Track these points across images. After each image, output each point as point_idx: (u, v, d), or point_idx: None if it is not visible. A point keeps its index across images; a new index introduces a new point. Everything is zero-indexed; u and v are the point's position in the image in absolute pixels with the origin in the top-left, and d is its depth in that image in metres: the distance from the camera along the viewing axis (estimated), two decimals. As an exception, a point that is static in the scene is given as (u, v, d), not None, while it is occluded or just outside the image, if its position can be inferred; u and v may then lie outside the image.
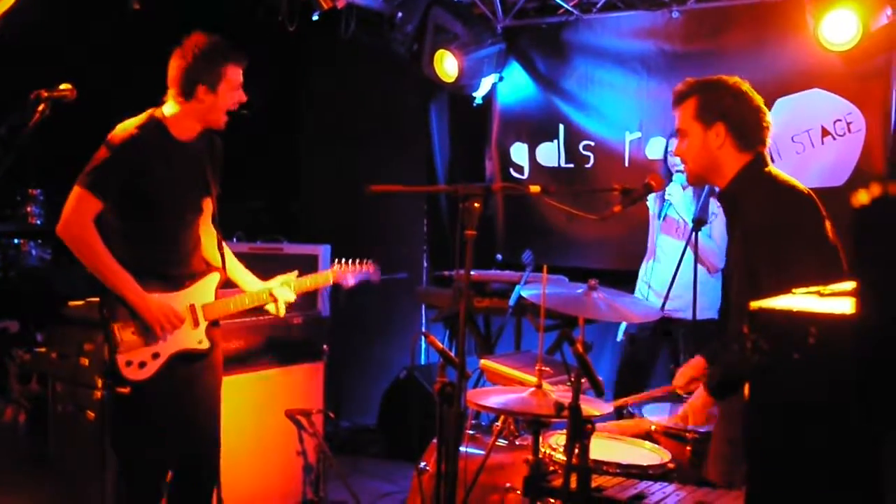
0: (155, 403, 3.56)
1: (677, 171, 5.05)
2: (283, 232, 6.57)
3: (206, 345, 3.67)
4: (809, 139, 5.53)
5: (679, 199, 5.08)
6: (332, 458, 4.47)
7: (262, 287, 3.89)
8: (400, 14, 6.33)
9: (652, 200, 5.22)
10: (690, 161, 3.24)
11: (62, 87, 3.31)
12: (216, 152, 3.77)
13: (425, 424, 4.64)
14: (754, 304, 1.66)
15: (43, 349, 4.88)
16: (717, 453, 3.40)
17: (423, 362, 6.86)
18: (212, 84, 3.53)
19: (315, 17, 5.90)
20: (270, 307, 3.89)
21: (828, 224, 3.08)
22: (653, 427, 3.78)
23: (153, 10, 5.41)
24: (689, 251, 4.71)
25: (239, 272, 3.93)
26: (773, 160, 5.58)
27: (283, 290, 3.88)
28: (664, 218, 5.22)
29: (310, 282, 3.99)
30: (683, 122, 3.20)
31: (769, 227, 3.02)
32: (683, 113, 3.20)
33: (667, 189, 4.99)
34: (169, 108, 3.61)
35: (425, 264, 7.21)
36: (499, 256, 6.77)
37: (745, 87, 3.19)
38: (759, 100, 3.19)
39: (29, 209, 6.58)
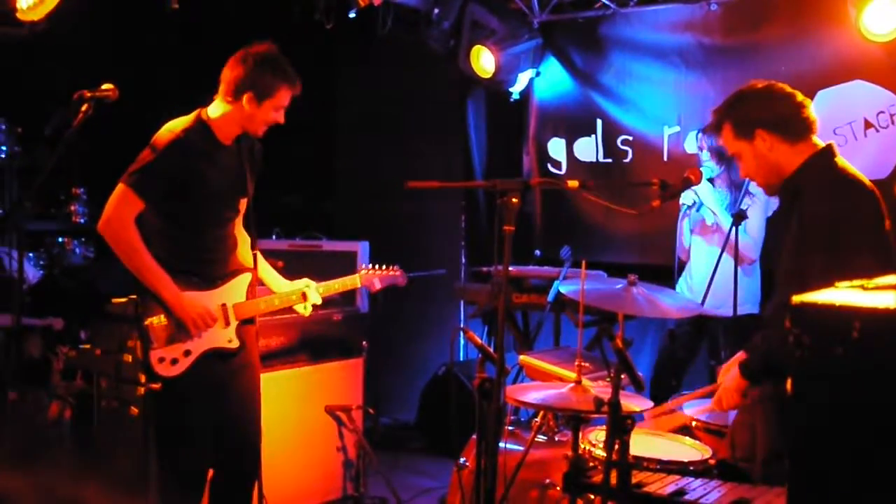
0: (187, 399, 3.60)
1: (705, 166, 5.01)
2: (320, 229, 6.61)
3: (235, 344, 3.70)
4: (852, 131, 5.46)
5: (709, 195, 5.04)
6: (371, 453, 4.48)
7: (291, 287, 3.92)
8: (437, 10, 6.33)
9: (687, 197, 5.15)
10: (756, 176, 3.28)
11: (105, 87, 3.36)
12: (255, 155, 3.81)
13: (464, 420, 4.64)
14: (797, 298, 1.64)
15: (87, 346, 4.96)
16: (738, 440, 3.43)
17: (461, 358, 6.86)
18: (260, 96, 3.55)
19: (352, 15, 5.93)
20: (299, 307, 3.93)
21: (888, 222, 3.08)
22: (693, 423, 3.75)
23: (193, 9, 5.45)
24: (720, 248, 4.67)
25: (267, 273, 3.98)
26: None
27: (312, 291, 3.93)
28: (696, 216, 5.18)
29: (338, 285, 4.03)
30: (730, 146, 3.28)
31: (829, 219, 3.01)
32: (726, 139, 3.28)
33: (695, 188, 4.93)
34: (215, 108, 3.63)
35: (463, 260, 7.21)
36: (537, 252, 6.75)
37: (772, 84, 3.23)
38: (787, 89, 3.22)
39: (73, 208, 6.67)
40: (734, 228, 4.52)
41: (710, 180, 5.06)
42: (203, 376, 3.61)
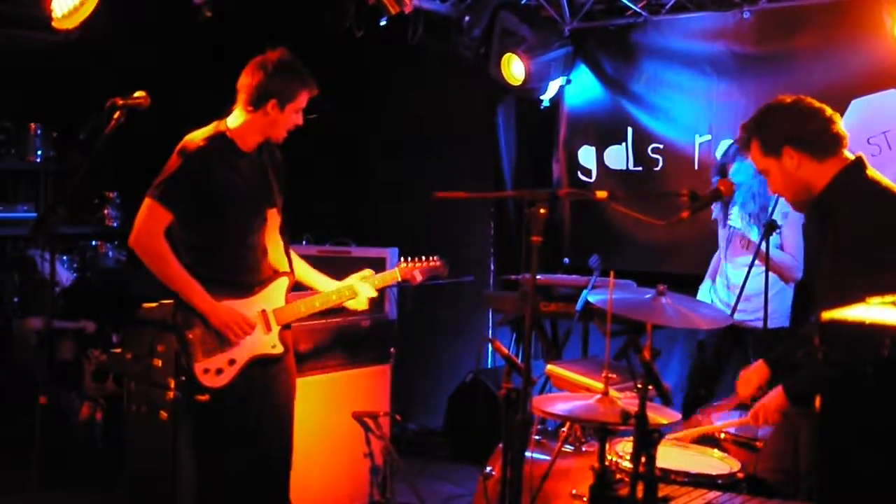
0: (234, 408, 3.63)
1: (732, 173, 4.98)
2: (349, 235, 6.64)
3: (279, 349, 3.73)
4: (886, 141, 5.39)
5: (735, 211, 5.01)
6: (398, 460, 4.49)
7: (339, 285, 3.94)
8: (467, 18, 6.34)
9: (718, 209, 5.13)
10: (784, 192, 3.27)
11: (137, 94, 3.39)
12: (277, 163, 3.83)
13: (491, 427, 4.66)
14: (826, 316, 1.63)
15: (118, 349, 5.01)
16: (773, 449, 3.39)
17: (489, 366, 6.86)
18: (282, 101, 3.59)
19: (383, 23, 5.95)
20: (352, 303, 3.94)
21: None
22: (722, 436, 3.72)
23: (224, 17, 5.50)
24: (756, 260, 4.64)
25: (311, 275, 4.00)
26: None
27: (365, 285, 3.95)
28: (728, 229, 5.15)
29: (378, 280, 4.04)
30: (758, 163, 3.27)
31: (864, 235, 2.97)
32: (754, 156, 3.27)
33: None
34: (234, 118, 3.66)
35: (492, 267, 7.20)
36: (566, 260, 6.73)
37: (800, 99, 3.19)
38: (815, 104, 3.18)
39: (106, 212, 6.77)
40: (765, 239, 4.49)
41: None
42: (248, 383, 3.65)
